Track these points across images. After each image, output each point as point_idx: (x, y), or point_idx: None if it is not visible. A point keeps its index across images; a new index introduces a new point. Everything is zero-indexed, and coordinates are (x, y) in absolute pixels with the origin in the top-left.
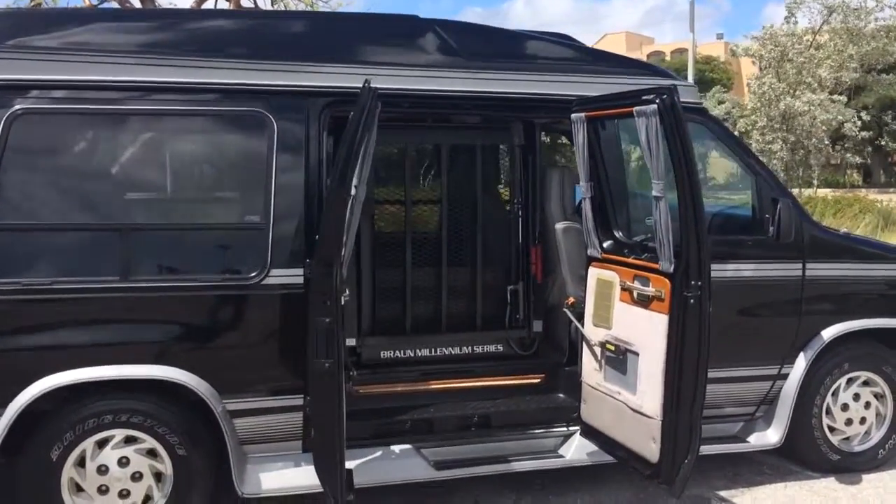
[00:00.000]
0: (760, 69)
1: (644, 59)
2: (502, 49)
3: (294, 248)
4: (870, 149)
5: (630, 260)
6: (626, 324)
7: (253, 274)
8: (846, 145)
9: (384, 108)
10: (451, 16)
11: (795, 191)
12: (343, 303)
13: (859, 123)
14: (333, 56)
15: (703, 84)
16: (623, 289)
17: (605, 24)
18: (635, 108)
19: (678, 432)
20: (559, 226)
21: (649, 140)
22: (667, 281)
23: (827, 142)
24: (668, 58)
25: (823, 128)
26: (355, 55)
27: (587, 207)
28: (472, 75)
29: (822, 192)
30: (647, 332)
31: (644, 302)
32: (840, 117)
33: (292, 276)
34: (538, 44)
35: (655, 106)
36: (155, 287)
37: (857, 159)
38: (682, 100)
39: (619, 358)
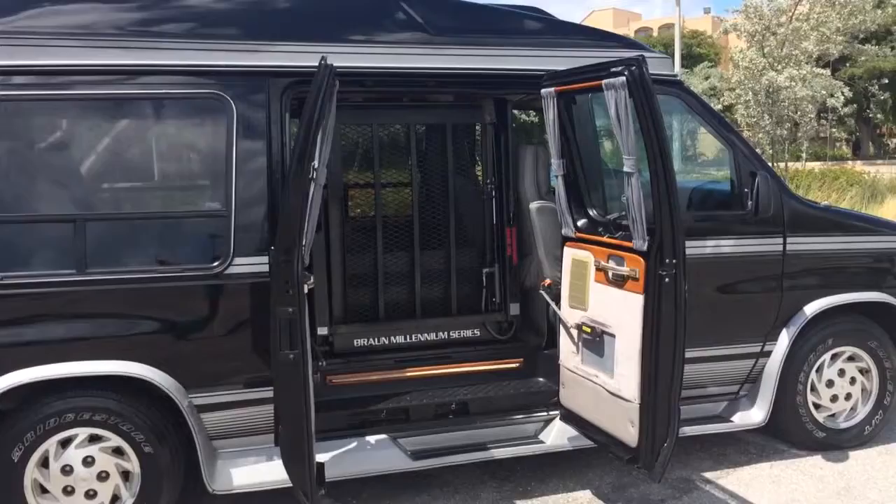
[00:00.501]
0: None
1: (631, 34)
2: (470, 23)
3: (258, 236)
4: (852, 122)
5: (604, 239)
6: (602, 305)
7: (215, 263)
8: (829, 118)
9: (350, 88)
10: None
11: (783, 164)
12: (306, 291)
13: (842, 99)
14: (294, 34)
15: (691, 59)
16: (598, 269)
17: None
18: (604, 81)
19: (656, 415)
20: (533, 205)
21: (619, 113)
22: (641, 260)
23: (812, 115)
24: (655, 33)
25: (809, 105)
26: (317, 33)
27: (560, 185)
28: (439, 51)
29: (810, 165)
30: (622, 312)
31: (619, 282)
32: (823, 92)
33: (257, 264)
34: (507, 17)
35: (624, 78)
36: (114, 280)
37: (843, 134)
38: (654, 71)
39: (595, 340)
